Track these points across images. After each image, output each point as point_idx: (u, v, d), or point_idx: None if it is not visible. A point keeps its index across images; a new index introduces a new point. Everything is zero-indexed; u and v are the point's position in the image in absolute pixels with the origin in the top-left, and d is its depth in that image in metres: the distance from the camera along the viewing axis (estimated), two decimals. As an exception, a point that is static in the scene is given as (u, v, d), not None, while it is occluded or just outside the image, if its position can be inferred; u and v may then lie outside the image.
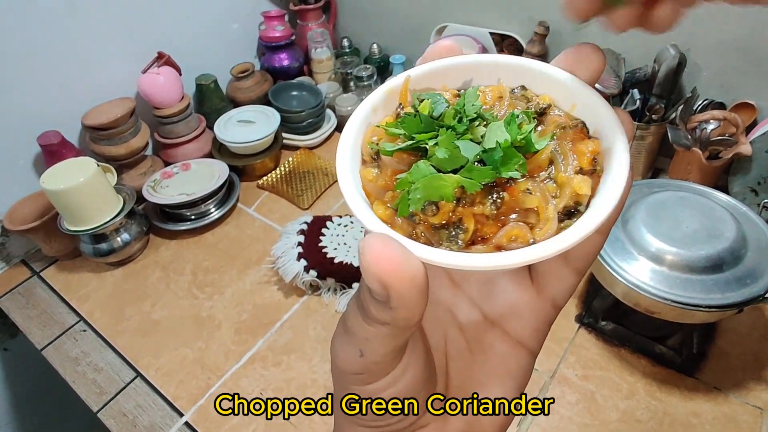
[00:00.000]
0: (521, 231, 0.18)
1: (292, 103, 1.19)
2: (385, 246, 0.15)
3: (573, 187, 0.18)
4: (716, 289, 0.57)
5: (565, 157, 0.19)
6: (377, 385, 0.19)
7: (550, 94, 0.21)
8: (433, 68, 0.22)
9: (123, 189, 0.95)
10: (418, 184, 0.18)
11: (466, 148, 0.18)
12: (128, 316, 0.86)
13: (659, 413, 0.67)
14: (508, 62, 0.21)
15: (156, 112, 1.05)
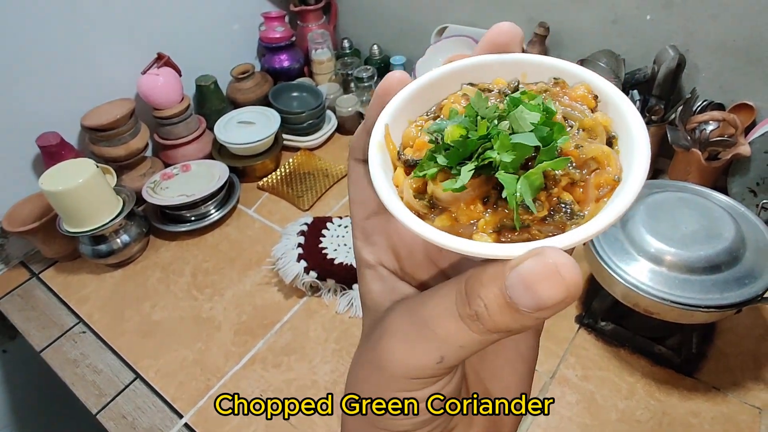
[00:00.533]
0: (606, 177, 0.18)
1: (292, 104, 1.19)
2: (565, 260, 0.15)
3: (599, 121, 0.18)
4: (715, 290, 0.58)
5: (570, 107, 0.19)
6: (432, 388, 0.19)
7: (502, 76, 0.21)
8: (402, 102, 0.21)
9: (122, 190, 0.95)
10: (521, 184, 0.17)
11: (525, 138, 0.17)
12: (128, 317, 0.86)
13: (658, 413, 0.67)
14: (545, 61, 0.21)
15: (156, 113, 1.05)
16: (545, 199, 0.17)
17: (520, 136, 0.17)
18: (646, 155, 0.18)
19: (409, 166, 0.19)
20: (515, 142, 0.17)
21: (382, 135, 0.20)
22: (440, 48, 1.11)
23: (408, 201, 0.19)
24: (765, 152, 0.84)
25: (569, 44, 1.01)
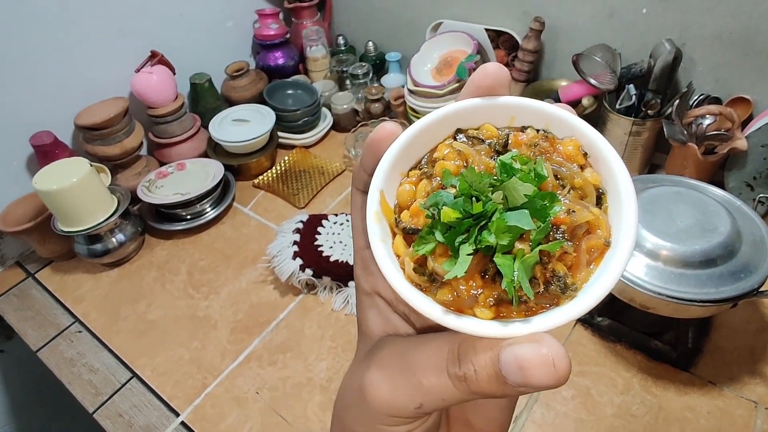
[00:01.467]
0: (596, 241, 0.18)
1: (287, 102, 1.18)
2: (559, 351, 0.17)
3: (588, 180, 0.19)
4: (711, 284, 0.57)
5: (563, 166, 0.19)
6: (408, 427, 0.21)
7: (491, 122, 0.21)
8: (394, 157, 0.21)
9: (117, 189, 0.95)
10: (518, 270, 0.17)
11: (520, 220, 0.18)
12: (124, 316, 0.86)
13: (654, 408, 0.67)
14: (535, 106, 0.21)
15: (150, 112, 1.04)
16: (540, 274, 0.18)
17: (514, 217, 0.18)
18: (634, 218, 0.18)
19: (407, 233, 0.20)
20: (511, 225, 0.18)
21: (378, 204, 0.20)
22: (435, 44, 1.10)
23: (409, 275, 0.19)
24: (762, 146, 0.84)
25: (565, 39, 1.01)
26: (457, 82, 1.02)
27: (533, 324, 0.17)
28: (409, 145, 0.21)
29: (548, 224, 0.18)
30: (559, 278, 0.18)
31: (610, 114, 0.93)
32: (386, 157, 0.21)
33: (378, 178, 0.20)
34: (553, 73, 1.07)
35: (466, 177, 0.19)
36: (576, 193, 0.19)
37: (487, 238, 0.18)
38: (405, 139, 0.21)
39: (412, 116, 1.11)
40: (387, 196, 0.21)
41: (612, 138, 0.95)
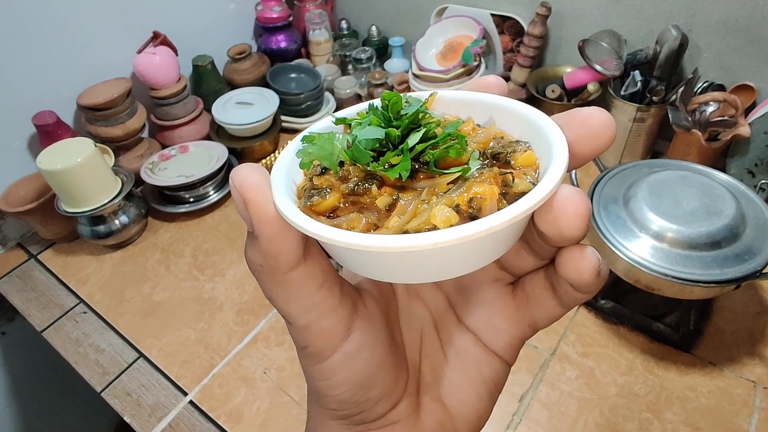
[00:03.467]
0: (357, 221, 0.18)
1: (290, 86, 1.18)
2: (253, 172, 0.17)
3: (430, 216, 0.16)
4: (715, 266, 0.58)
5: (458, 190, 0.17)
6: (328, 363, 0.19)
7: (535, 149, 0.19)
8: (463, 98, 0.22)
9: (121, 171, 0.94)
10: (317, 143, 0.19)
11: (368, 131, 0.18)
12: (128, 298, 0.86)
13: (656, 387, 0.68)
14: (532, 120, 0.20)
15: (152, 93, 1.03)
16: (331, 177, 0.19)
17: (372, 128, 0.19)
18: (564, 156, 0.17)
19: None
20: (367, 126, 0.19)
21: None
22: (440, 29, 1.10)
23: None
24: (765, 133, 0.85)
25: (571, 24, 1.01)
26: (462, 67, 1.02)
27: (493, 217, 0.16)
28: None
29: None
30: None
31: (615, 100, 0.94)
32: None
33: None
34: (558, 59, 1.07)
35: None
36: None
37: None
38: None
39: (416, 101, 1.11)
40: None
41: (617, 125, 0.95)
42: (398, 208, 0.17)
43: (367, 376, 0.20)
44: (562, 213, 0.16)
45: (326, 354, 0.19)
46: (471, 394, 0.22)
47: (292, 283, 0.18)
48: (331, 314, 0.19)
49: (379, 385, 0.20)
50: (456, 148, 0.18)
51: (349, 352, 0.19)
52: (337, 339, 0.19)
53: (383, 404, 0.21)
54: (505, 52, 1.11)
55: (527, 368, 0.72)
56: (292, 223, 0.16)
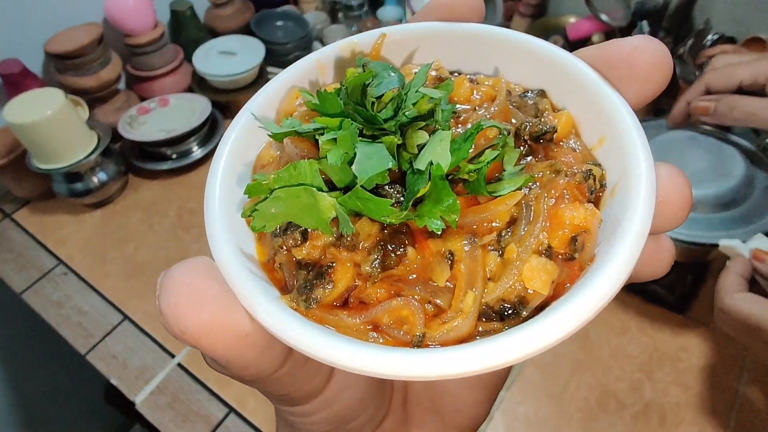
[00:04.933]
0: (413, 315, 0.12)
1: (276, 34, 1.10)
2: (190, 292, 0.12)
3: (522, 275, 0.12)
4: (722, 227, 0.56)
5: (536, 220, 0.12)
6: (306, 408, 0.17)
7: (570, 109, 0.14)
8: (423, 31, 0.15)
9: (96, 125, 0.89)
10: (278, 194, 0.12)
11: (368, 157, 0.11)
12: (111, 259, 0.83)
13: (649, 348, 0.68)
14: (529, 48, 0.14)
15: (127, 41, 0.96)
16: (320, 245, 0.14)
17: (377, 149, 0.13)
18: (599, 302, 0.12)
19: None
20: (360, 147, 0.13)
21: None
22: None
23: (281, 111, 0.16)
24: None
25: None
26: (460, 15, 0.96)
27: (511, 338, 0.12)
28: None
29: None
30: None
31: (620, 53, 0.89)
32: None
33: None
34: (561, 9, 1.01)
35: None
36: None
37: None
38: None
39: (411, 52, 1.05)
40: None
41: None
42: (461, 275, 0.12)
43: (348, 412, 0.18)
44: (674, 209, 0.13)
45: (305, 402, 0.17)
46: (468, 401, 0.20)
47: (276, 379, 0.15)
48: (311, 379, 0.16)
49: (361, 416, 0.18)
50: (503, 153, 0.12)
51: (329, 397, 0.17)
52: (319, 389, 0.17)
53: (366, 429, 0.19)
54: (505, 0, 1.04)
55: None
56: (319, 357, 0.11)
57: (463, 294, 0.12)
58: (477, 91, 0.14)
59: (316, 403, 0.17)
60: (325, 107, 0.13)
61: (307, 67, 0.17)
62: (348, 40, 0.16)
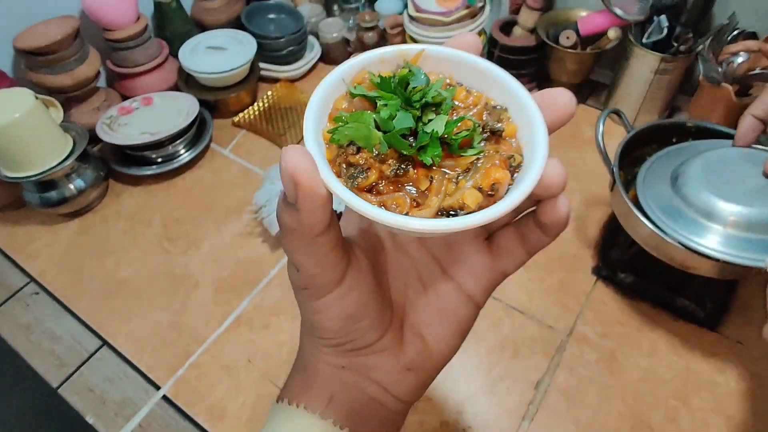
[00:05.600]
0: (403, 201, 0.20)
1: (268, 28, 1.03)
2: (301, 155, 0.19)
3: (462, 196, 0.20)
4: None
5: (478, 172, 0.21)
6: (324, 301, 0.23)
7: (516, 121, 0.23)
8: (447, 55, 0.24)
9: (72, 127, 0.81)
10: (351, 125, 0.21)
11: (401, 119, 0.21)
12: (88, 275, 0.75)
13: (682, 371, 0.63)
14: (505, 84, 0.23)
15: (107, 35, 0.88)
16: (365, 156, 0.21)
17: (404, 115, 0.21)
18: (544, 141, 0.21)
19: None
20: (398, 113, 0.21)
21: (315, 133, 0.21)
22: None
23: (353, 81, 0.23)
24: (800, 88, 0.76)
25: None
26: (466, 8, 0.89)
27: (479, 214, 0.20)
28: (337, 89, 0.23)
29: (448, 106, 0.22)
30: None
31: (636, 48, 0.83)
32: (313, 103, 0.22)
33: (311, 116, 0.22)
34: (569, 2, 0.95)
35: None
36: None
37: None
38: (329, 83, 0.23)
39: (413, 48, 0.98)
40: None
41: (636, 76, 0.86)
42: (434, 188, 0.21)
43: (355, 310, 0.24)
44: (554, 182, 0.20)
45: (323, 294, 0.23)
46: (446, 331, 0.27)
47: (316, 244, 0.21)
48: (334, 268, 0.23)
49: (365, 319, 0.24)
50: (470, 136, 0.21)
51: (341, 293, 0.23)
52: (334, 284, 0.23)
53: (370, 334, 0.25)
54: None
55: (542, 350, 0.65)
56: (355, 208, 0.19)
57: (432, 198, 0.20)
58: (468, 97, 0.23)
59: (334, 296, 0.23)
60: (382, 86, 0.22)
61: (373, 58, 0.24)
62: (401, 47, 0.24)
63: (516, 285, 0.72)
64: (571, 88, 0.95)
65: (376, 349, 0.25)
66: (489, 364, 0.64)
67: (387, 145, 0.20)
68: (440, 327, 0.27)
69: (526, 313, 0.69)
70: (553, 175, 0.20)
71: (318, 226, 0.20)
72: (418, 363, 0.26)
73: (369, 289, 0.24)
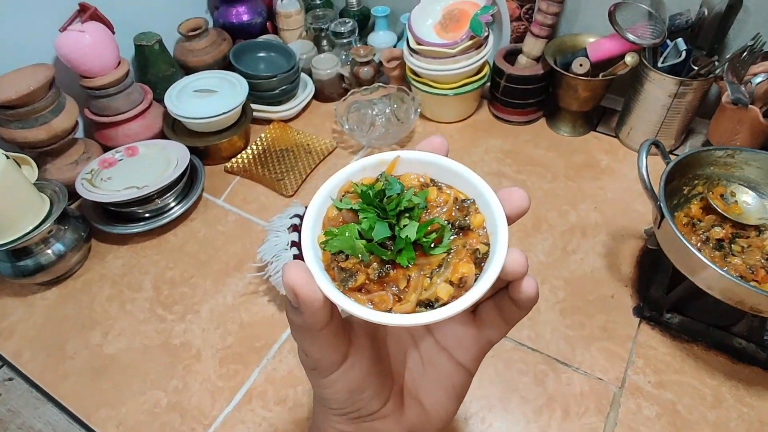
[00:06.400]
0: (387, 298, 0.24)
1: (258, 67, 0.98)
2: (298, 270, 0.23)
3: (436, 291, 0.24)
4: None
5: (448, 268, 0.24)
6: (331, 377, 0.26)
7: (482, 212, 0.26)
8: (419, 157, 0.27)
9: (48, 185, 0.73)
10: (339, 237, 0.24)
11: (378, 230, 0.24)
12: (71, 352, 0.66)
13: (755, 422, 0.56)
14: (470, 180, 0.26)
15: (85, 83, 0.81)
16: (353, 262, 0.25)
17: (382, 226, 0.25)
18: (505, 233, 0.24)
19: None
20: (376, 224, 0.25)
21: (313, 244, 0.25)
22: (438, -7, 0.92)
23: (341, 192, 0.27)
24: (822, 106, 0.74)
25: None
26: (471, 39, 0.86)
27: (452, 306, 0.23)
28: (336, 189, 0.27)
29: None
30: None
31: (652, 72, 0.80)
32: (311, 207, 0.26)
33: (308, 227, 0.25)
34: (575, 28, 0.93)
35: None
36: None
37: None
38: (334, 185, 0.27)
39: (413, 80, 0.94)
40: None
41: (652, 101, 0.82)
42: (412, 285, 0.24)
43: (358, 383, 0.27)
44: (515, 269, 0.23)
45: (329, 372, 0.26)
46: (443, 396, 0.30)
47: (320, 336, 0.25)
48: (337, 350, 0.26)
49: (368, 389, 0.27)
50: (441, 234, 0.25)
51: (345, 368, 0.26)
52: (338, 364, 0.26)
53: (374, 403, 0.28)
54: (512, 21, 0.95)
55: (595, 407, 0.58)
56: (347, 311, 0.23)
57: (411, 294, 0.24)
58: (439, 196, 0.26)
59: (339, 373, 0.26)
60: (363, 198, 0.25)
61: (356, 169, 0.27)
62: (380, 156, 0.27)
63: (554, 332, 0.65)
64: (582, 116, 0.92)
65: (380, 416, 0.28)
66: (539, 427, 0.57)
67: (368, 254, 0.24)
68: (436, 393, 0.30)
69: (570, 365, 0.62)
70: (515, 264, 0.23)
71: (319, 323, 0.24)
72: (419, 426, 0.29)
73: (370, 362, 0.27)
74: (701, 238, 0.61)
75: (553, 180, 0.85)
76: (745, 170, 0.64)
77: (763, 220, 0.61)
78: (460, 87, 0.90)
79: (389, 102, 0.91)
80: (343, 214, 0.26)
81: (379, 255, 0.24)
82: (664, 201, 0.56)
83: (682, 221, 0.64)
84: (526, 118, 0.95)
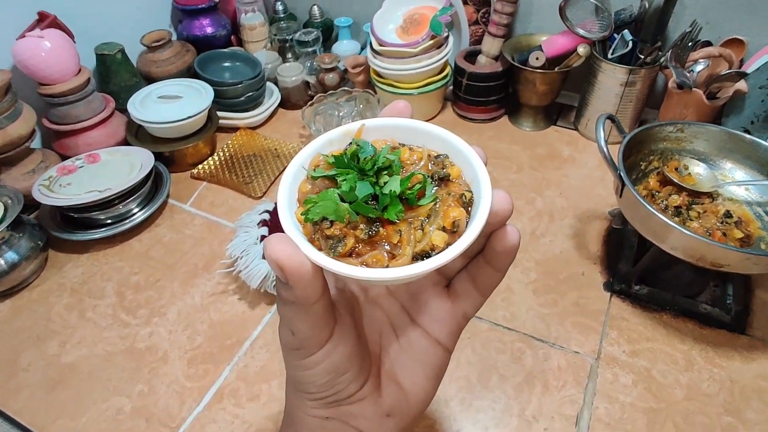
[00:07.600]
0: (381, 257, 0.23)
1: (224, 76, 0.98)
2: (281, 242, 0.21)
3: (431, 239, 0.23)
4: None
5: (438, 216, 0.23)
6: (313, 358, 0.25)
7: (460, 166, 0.25)
8: (384, 123, 0.27)
9: (2, 192, 0.70)
10: (320, 204, 0.23)
11: (361, 188, 0.23)
12: (26, 364, 0.62)
13: (726, 381, 0.57)
14: (439, 135, 0.26)
15: (43, 90, 0.79)
16: (338, 227, 0.23)
17: (363, 185, 0.24)
18: (486, 179, 0.24)
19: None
20: (357, 184, 0.24)
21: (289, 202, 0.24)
22: (398, 1, 0.96)
23: (310, 166, 0.26)
24: (760, 88, 0.79)
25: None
26: (431, 39, 0.88)
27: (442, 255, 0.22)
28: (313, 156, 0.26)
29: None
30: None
31: (603, 64, 0.84)
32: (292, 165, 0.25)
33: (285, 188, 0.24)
34: (529, 28, 0.97)
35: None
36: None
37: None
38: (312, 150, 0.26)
39: (377, 81, 0.96)
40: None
41: (605, 90, 0.86)
42: (404, 239, 0.23)
43: (341, 364, 0.25)
44: (504, 207, 0.23)
45: (313, 351, 0.25)
46: (420, 376, 0.29)
47: (312, 310, 0.23)
48: (327, 327, 0.25)
49: (349, 371, 0.26)
50: (423, 186, 0.24)
51: (329, 349, 0.25)
52: (323, 342, 0.25)
53: (353, 386, 0.26)
54: (470, 24, 0.99)
55: (574, 380, 0.58)
56: (343, 273, 0.21)
57: (405, 248, 0.23)
58: (412, 155, 0.26)
59: (322, 353, 0.25)
60: (338, 164, 0.25)
61: (323, 142, 0.26)
62: (344, 127, 0.27)
63: (529, 311, 0.66)
64: (542, 111, 0.95)
65: (357, 398, 0.27)
66: (519, 403, 0.56)
67: (356, 213, 0.23)
68: (414, 372, 0.29)
69: (546, 341, 0.62)
70: (502, 202, 0.23)
71: (312, 296, 0.22)
72: (397, 408, 0.28)
73: (352, 342, 0.26)
74: (661, 207, 0.64)
75: (518, 171, 0.87)
76: (694, 144, 0.67)
77: (715, 188, 0.64)
78: (424, 86, 0.93)
79: (355, 103, 0.93)
80: (317, 184, 0.25)
81: (366, 213, 0.23)
82: (624, 170, 0.58)
83: (641, 193, 0.67)
84: (489, 115, 0.98)
